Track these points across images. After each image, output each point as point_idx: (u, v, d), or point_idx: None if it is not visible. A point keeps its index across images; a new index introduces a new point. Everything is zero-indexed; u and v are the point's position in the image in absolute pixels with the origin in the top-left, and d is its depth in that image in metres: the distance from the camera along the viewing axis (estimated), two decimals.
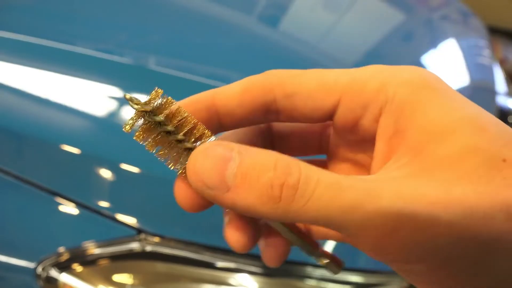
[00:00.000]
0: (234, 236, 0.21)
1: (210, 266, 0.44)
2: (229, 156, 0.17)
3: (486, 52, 0.88)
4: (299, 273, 0.45)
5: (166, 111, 0.19)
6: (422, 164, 0.17)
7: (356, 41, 0.75)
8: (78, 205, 0.45)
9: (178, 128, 0.19)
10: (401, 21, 0.89)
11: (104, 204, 0.44)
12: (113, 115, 0.47)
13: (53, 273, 0.43)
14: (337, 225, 0.16)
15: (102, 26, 0.60)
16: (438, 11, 1.03)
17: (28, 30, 0.53)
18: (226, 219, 0.22)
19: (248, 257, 0.45)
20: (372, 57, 0.74)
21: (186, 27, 0.64)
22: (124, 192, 0.45)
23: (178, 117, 0.19)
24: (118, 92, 0.49)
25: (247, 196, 0.17)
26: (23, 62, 0.49)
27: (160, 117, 0.19)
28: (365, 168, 0.23)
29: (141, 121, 0.19)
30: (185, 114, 0.20)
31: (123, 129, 0.19)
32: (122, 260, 0.43)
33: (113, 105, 0.47)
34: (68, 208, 0.45)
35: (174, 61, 0.55)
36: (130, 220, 0.44)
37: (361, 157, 0.23)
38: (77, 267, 0.43)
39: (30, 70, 0.49)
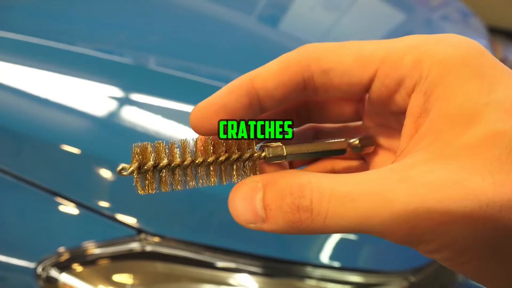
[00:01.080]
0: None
1: (210, 266, 0.44)
2: (255, 190, 0.19)
3: None
4: (299, 273, 0.45)
5: (151, 154, 0.20)
6: (442, 150, 0.17)
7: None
8: (78, 205, 0.45)
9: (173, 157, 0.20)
10: (401, 21, 0.89)
11: (104, 204, 0.44)
12: (113, 115, 0.47)
13: (53, 273, 0.43)
14: (361, 230, 0.17)
15: (102, 26, 0.60)
16: (438, 11, 1.03)
17: (28, 30, 0.53)
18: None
19: (248, 257, 0.45)
20: None
21: (186, 27, 0.64)
22: (124, 192, 0.45)
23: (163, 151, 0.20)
24: (118, 92, 0.49)
25: (278, 224, 0.19)
26: (23, 62, 0.49)
27: (150, 163, 0.20)
28: (399, 134, 0.23)
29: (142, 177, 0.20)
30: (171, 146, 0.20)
31: (141, 193, 0.20)
32: (122, 260, 0.43)
33: (113, 105, 0.47)
34: (68, 208, 0.45)
35: (174, 61, 0.55)
36: (130, 220, 0.44)
37: (394, 124, 0.23)
38: (77, 267, 0.43)
39: (30, 70, 0.49)
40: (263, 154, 0.21)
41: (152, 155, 0.20)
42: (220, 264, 0.44)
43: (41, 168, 0.46)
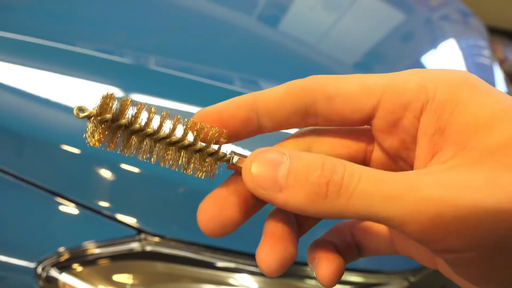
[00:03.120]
0: (265, 256, 0.21)
1: (210, 266, 0.44)
2: (280, 160, 0.19)
3: (486, 52, 0.88)
4: (299, 273, 0.45)
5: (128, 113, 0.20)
6: (467, 156, 0.17)
7: (356, 41, 0.75)
8: (78, 205, 0.45)
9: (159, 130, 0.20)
10: (401, 21, 0.89)
11: (104, 204, 0.44)
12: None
13: (53, 273, 0.43)
14: (381, 217, 0.17)
15: (102, 26, 0.60)
16: (438, 11, 1.03)
17: (28, 30, 0.53)
18: (261, 239, 0.22)
19: (248, 257, 0.45)
20: (372, 57, 0.73)
21: (186, 27, 0.64)
22: (124, 192, 0.45)
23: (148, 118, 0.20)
24: (118, 92, 0.49)
25: (297, 194, 0.18)
26: (23, 62, 0.49)
27: (138, 125, 0.20)
28: (408, 166, 0.24)
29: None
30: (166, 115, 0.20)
31: (90, 143, 0.19)
32: (122, 260, 0.43)
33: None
34: (68, 208, 0.45)
35: (174, 61, 0.55)
36: (130, 220, 0.44)
37: (402, 157, 0.23)
38: (77, 267, 0.43)
39: (30, 70, 0.49)
40: (229, 157, 0.21)
41: (117, 110, 0.19)
42: (220, 264, 0.44)
43: (41, 168, 0.46)
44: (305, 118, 0.22)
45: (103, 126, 0.19)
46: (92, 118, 0.19)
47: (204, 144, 0.21)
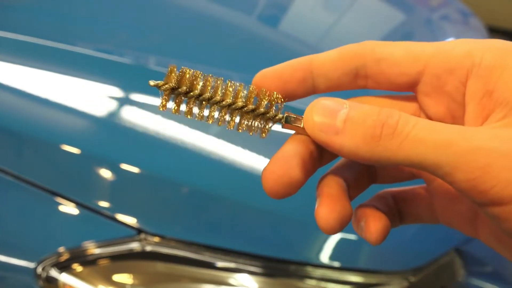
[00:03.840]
0: (324, 214, 0.22)
1: (210, 266, 0.44)
2: (340, 107, 0.20)
3: None
4: (299, 273, 0.45)
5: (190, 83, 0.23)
6: None
7: (356, 41, 0.75)
8: (78, 205, 0.45)
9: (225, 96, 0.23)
10: (401, 21, 0.89)
11: (104, 204, 0.44)
12: (113, 115, 0.47)
13: (53, 273, 0.43)
14: (431, 163, 0.18)
15: (102, 26, 0.60)
16: (438, 11, 1.03)
17: (28, 30, 0.53)
18: (318, 200, 0.23)
19: (248, 257, 0.45)
20: None
21: (187, 27, 0.64)
22: (124, 192, 0.45)
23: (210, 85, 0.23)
24: (118, 92, 0.49)
25: (353, 137, 0.19)
26: (23, 62, 0.49)
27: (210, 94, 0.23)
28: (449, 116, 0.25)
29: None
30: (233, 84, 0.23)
31: (159, 108, 0.23)
32: (122, 260, 0.43)
33: (113, 105, 0.47)
34: (68, 208, 0.45)
35: (174, 61, 0.55)
36: (130, 220, 0.44)
37: (449, 123, 0.24)
38: (77, 267, 0.43)
39: (30, 70, 0.49)
40: (283, 117, 0.23)
41: (180, 79, 0.23)
42: (220, 264, 0.44)
43: (41, 168, 0.46)
44: (355, 79, 0.23)
45: (169, 93, 0.23)
46: (160, 87, 0.22)
47: (256, 106, 0.23)
